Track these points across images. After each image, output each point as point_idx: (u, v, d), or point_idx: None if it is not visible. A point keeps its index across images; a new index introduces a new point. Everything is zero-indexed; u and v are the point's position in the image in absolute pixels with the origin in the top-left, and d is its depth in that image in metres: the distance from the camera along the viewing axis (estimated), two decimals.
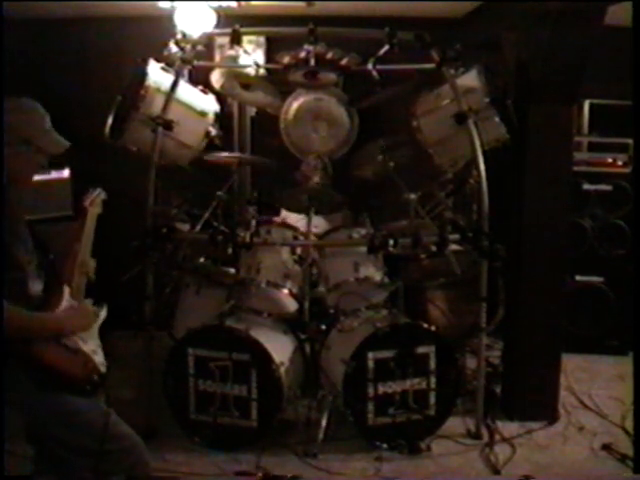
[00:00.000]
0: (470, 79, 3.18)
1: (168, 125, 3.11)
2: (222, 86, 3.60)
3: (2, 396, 2.15)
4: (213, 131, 3.32)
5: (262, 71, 3.75)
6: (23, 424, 2.13)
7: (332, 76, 3.43)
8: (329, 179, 3.72)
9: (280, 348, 3.17)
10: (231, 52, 3.90)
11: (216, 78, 3.59)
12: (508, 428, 3.32)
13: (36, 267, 2.04)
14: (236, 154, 3.52)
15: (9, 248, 1.91)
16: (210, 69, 3.67)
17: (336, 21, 3.68)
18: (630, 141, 4.24)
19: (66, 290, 2.11)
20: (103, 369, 2.09)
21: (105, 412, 2.06)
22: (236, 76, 3.64)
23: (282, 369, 3.03)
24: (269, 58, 4.36)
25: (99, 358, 2.10)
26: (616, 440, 3.18)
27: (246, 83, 3.62)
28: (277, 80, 3.74)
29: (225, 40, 4.18)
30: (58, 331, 1.99)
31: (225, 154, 3.53)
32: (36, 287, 2.03)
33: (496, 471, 2.95)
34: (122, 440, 2.09)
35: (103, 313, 2.22)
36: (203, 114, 3.30)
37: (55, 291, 2.08)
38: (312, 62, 3.36)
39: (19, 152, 1.97)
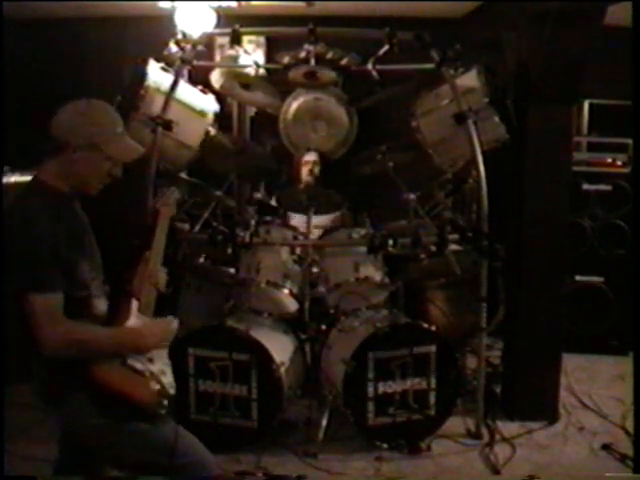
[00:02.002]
0: (470, 79, 3.18)
1: (168, 125, 3.11)
2: (222, 86, 3.61)
3: (2, 395, 2.14)
4: (213, 131, 3.32)
5: (262, 71, 3.75)
6: (62, 435, 2.05)
7: (332, 76, 3.43)
8: (318, 178, 3.72)
9: (280, 348, 3.17)
10: (231, 52, 3.90)
11: (216, 78, 3.59)
12: (508, 428, 3.32)
13: (102, 282, 1.93)
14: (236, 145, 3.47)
15: (72, 266, 1.79)
16: (210, 69, 3.67)
17: (336, 21, 3.69)
18: (630, 141, 4.25)
19: (134, 305, 1.94)
20: (172, 391, 1.91)
21: (174, 426, 1.94)
22: (236, 76, 3.65)
23: (282, 369, 3.03)
24: (269, 58, 4.36)
25: (168, 379, 1.91)
26: (616, 440, 3.18)
27: (246, 83, 3.62)
28: (277, 80, 3.75)
29: (225, 40, 4.19)
30: (134, 347, 1.86)
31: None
32: (101, 306, 1.91)
33: (496, 471, 2.95)
34: (191, 454, 1.97)
35: (175, 327, 2.02)
36: (203, 114, 3.30)
37: (122, 307, 1.93)
38: (312, 62, 3.37)
39: (86, 158, 1.84)
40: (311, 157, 3.78)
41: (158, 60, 3.24)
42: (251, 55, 3.85)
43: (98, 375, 1.78)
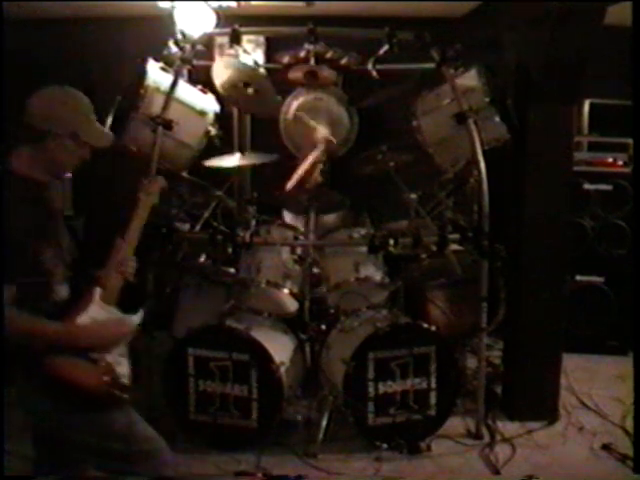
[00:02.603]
0: (470, 79, 3.18)
1: (168, 125, 3.11)
2: (222, 86, 3.60)
3: (2, 395, 2.13)
4: (213, 131, 3.31)
5: (262, 71, 3.75)
6: (31, 425, 2.08)
7: (331, 75, 3.43)
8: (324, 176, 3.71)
9: (280, 348, 3.17)
10: (231, 52, 3.90)
11: (218, 73, 3.58)
12: (508, 428, 3.32)
13: (67, 269, 1.92)
14: (235, 159, 3.46)
15: (34, 252, 1.78)
16: (210, 69, 3.66)
17: (336, 21, 3.68)
18: (630, 141, 4.24)
19: (96, 293, 1.93)
20: (126, 381, 1.90)
21: (129, 414, 1.96)
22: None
23: (282, 369, 3.03)
24: (269, 58, 4.36)
25: (123, 369, 1.91)
26: (616, 440, 3.18)
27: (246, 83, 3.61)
28: (277, 80, 3.75)
29: (225, 40, 4.18)
30: (87, 344, 1.85)
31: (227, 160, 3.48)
32: (63, 292, 1.90)
33: (496, 471, 2.94)
34: (147, 442, 2.00)
35: (137, 319, 1.98)
36: (203, 114, 3.30)
37: (84, 295, 1.91)
38: (312, 62, 3.37)
39: (64, 145, 1.86)
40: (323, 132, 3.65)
41: (158, 60, 3.24)
42: (251, 55, 3.85)
43: (50, 363, 1.79)
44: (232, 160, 3.43)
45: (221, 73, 3.31)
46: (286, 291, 3.27)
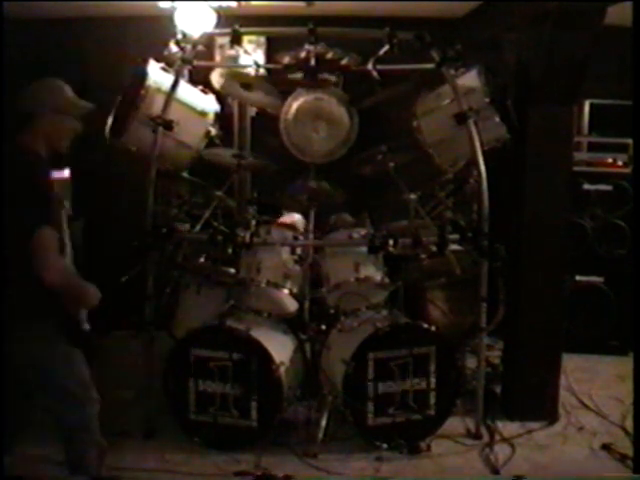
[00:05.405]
0: (470, 79, 3.18)
1: (168, 125, 3.11)
2: (222, 86, 3.60)
3: (3, 397, 2.18)
4: (213, 131, 3.32)
5: (262, 71, 3.75)
6: (16, 380, 2.31)
7: (332, 76, 3.43)
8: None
9: (280, 348, 3.17)
10: (231, 52, 3.91)
11: (216, 78, 3.59)
12: (508, 428, 3.32)
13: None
14: (234, 153, 3.46)
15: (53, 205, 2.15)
16: (210, 69, 3.67)
17: (336, 21, 3.68)
18: (630, 141, 4.24)
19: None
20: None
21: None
22: (236, 76, 3.64)
23: (282, 369, 3.03)
24: (269, 58, 4.36)
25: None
26: (616, 440, 3.18)
27: (246, 83, 3.62)
28: (277, 80, 3.75)
29: (225, 40, 4.19)
30: (80, 300, 2.23)
31: (227, 153, 3.49)
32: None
33: (496, 471, 2.94)
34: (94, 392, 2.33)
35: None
36: (203, 114, 3.30)
37: None
38: (312, 62, 3.36)
39: (53, 121, 2.23)
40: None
41: (158, 60, 3.24)
42: (251, 55, 3.85)
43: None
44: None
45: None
46: (286, 291, 3.27)
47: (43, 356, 2.18)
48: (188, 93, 3.29)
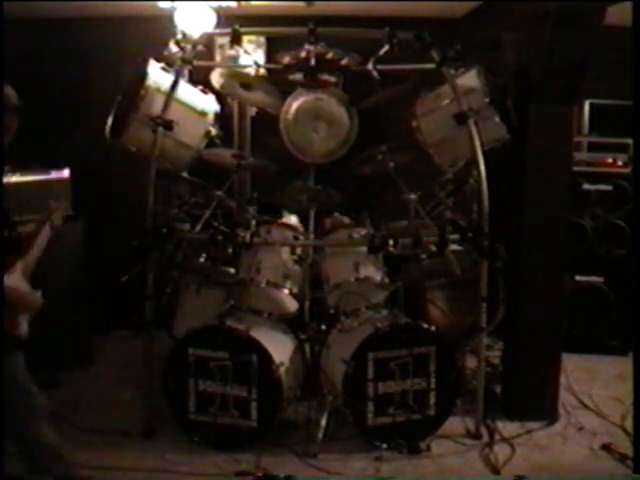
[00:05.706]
0: (470, 79, 3.18)
1: (168, 125, 3.11)
2: (222, 86, 3.61)
3: (2, 400, 2.17)
4: (213, 131, 3.32)
5: (262, 71, 3.75)
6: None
7: (332, 76, 3.43)
8: None
9: (280, 348, 3.17)
10: (231, 52, 3.90)
11: (216, 78, 3.59)
12: (508, 428, 3.32)
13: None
14: (234, 153, 3.46)
15: None
16: (210, 69, 3.67)
17: (336, 21, 3.68)
18: (630, 141, 4.24)
19: (19, 266, 2.22)
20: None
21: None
22: (236, 76, 3.64)
23: (282, 369, 3.03)
24: (269, 58, 4.36)
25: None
26: (616, 440, 3.18)
27: (246, 83, 3.62)
28: (277, 80, 3.75)
29: (225, 40, 4.18)
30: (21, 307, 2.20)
31: (228, 153, 3.49)
32: None
33: (495, 471, 2.95)
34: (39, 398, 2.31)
35: (40, 297, 2.29)
36: (203, 114, 3.30)
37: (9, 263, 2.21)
38: (312, 62, 3.36)
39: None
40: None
41: (158, 60, 3.24)
42: (251, 55, 3.85)
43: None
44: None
45: None
46: (286, 291, 3.27)
47: None
48: (188, 93, 3.29)
